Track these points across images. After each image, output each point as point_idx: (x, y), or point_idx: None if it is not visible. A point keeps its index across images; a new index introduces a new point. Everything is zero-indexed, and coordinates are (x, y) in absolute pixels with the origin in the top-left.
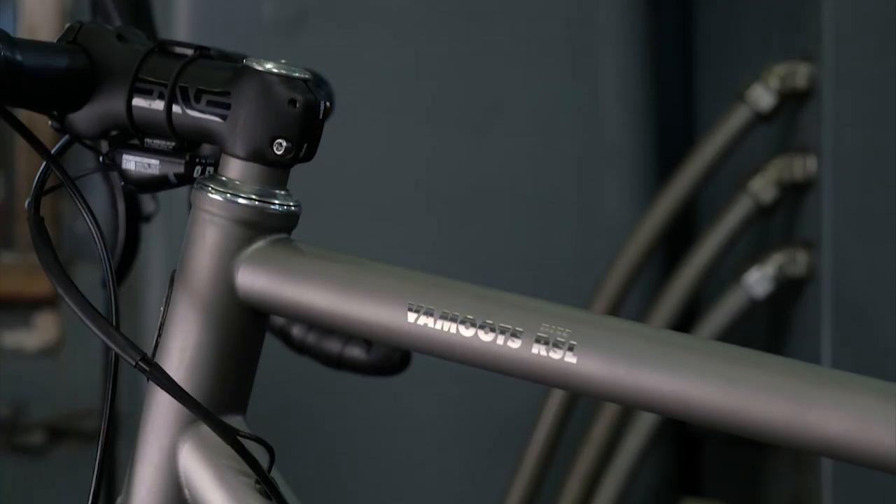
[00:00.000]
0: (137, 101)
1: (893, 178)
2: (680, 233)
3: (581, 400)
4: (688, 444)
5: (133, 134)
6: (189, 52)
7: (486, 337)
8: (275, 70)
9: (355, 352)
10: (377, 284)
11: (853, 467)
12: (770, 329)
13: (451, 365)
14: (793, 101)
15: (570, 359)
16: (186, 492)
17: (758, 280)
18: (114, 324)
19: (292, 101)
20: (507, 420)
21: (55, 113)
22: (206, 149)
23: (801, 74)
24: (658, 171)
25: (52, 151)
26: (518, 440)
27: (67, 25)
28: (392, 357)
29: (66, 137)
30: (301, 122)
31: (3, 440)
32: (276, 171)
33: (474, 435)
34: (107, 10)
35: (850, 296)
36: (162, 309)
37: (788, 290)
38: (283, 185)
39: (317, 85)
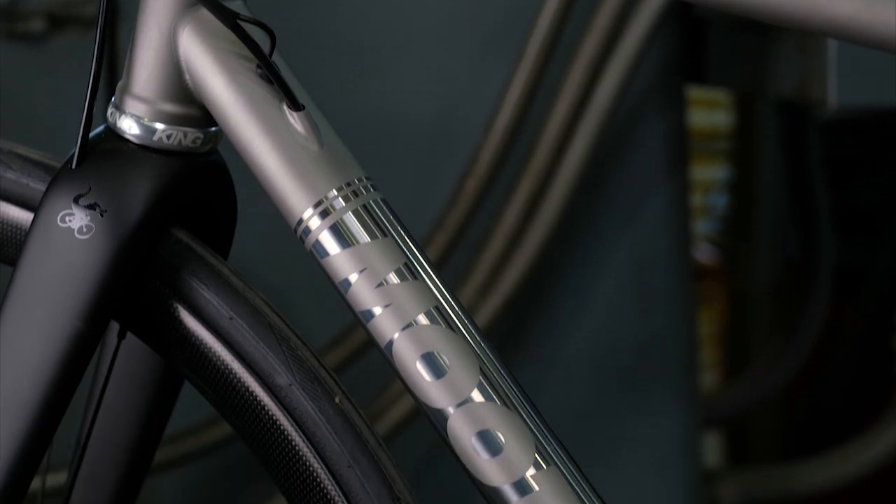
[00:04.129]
0: None
1: None
2: None
3: None
4: (692, 29)
5: None
6: None
7: None
8: None
9: None
10: None
11: (858, 52)
12: None
13: None
14: None
15: None
16: (187, 76)
17: None
18: None
19: None
20: (510, 6)
21: None
22: None
23: None
24: None
25: None
26: (520, 28)
27: None
28: None
29: None
30: None
31: (3, 28)
32: None
33: (476, 20)
34: None
35: None
36: None
37: None
38: None
39: None
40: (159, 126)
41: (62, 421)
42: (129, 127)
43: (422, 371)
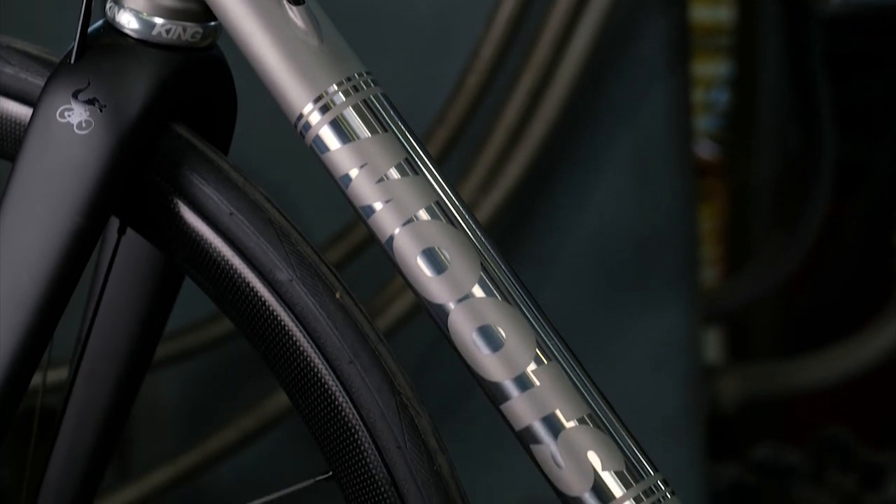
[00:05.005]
0: None
1: None
2: None
3: None
4: None
5: None
6: None
7: None
8: None
9: None
10: None
11: None
12: None
13: None
14: None
15: None
16: None
17: None
18: None
19: None
20: None
21: None
22: None
23: None
24: None
25: None
26: None
27: None
28: None
29: None
30: None
31: None
32: None
33: None
34: None
35: None
36: None
37: None
38: None
39: None
40: (158, 20)
41: (62, 317)
42: (127, 21)
43: (422, 266)
